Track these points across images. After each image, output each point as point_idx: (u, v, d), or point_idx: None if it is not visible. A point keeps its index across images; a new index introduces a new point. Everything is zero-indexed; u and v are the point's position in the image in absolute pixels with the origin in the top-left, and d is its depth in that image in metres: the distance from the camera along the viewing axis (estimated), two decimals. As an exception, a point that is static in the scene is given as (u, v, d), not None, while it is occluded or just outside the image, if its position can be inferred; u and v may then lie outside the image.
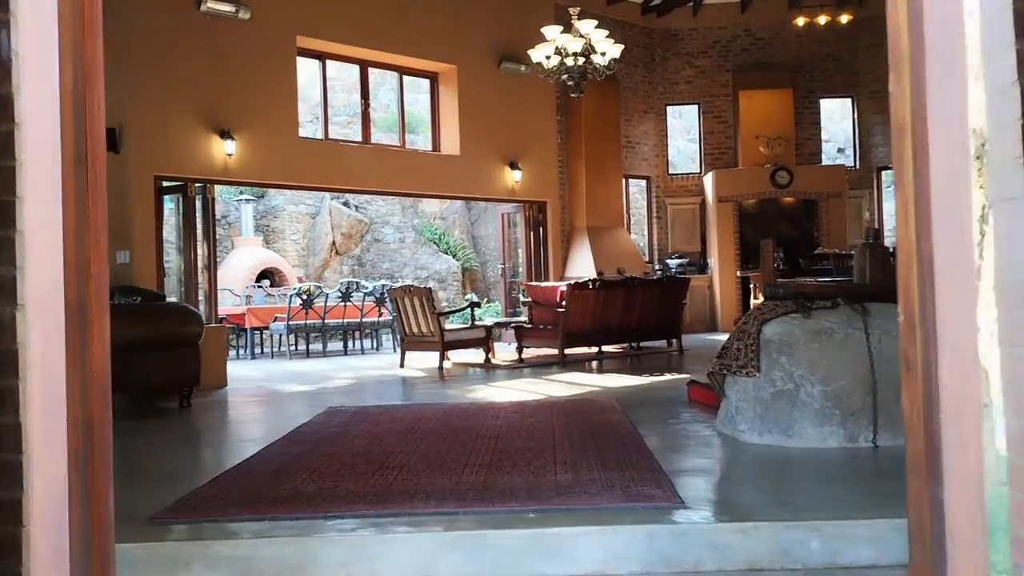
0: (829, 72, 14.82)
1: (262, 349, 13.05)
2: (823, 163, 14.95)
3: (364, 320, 12.80)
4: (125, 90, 9.11)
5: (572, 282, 8.91)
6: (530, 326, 9.32)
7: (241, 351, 12.75)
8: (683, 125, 17.83)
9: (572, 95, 8.11)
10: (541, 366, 9.06)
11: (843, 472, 3.83)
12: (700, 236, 14.70)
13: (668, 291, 9.69)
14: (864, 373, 4.25)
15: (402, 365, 9.45)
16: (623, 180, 14.17)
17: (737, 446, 4.43)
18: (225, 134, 9.66)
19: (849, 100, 14.96)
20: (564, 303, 8.79)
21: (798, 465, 3.97)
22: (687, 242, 14.74)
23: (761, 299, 4.89)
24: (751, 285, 12.88)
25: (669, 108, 15.05)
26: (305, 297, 12.26)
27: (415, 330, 9.27)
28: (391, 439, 4.74)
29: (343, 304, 12.54)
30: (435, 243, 17.37)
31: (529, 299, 9.50)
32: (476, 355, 9.76)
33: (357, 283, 13.09)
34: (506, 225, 13.78)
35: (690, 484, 3.56)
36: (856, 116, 14.89)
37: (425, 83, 12.41)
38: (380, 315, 12.61)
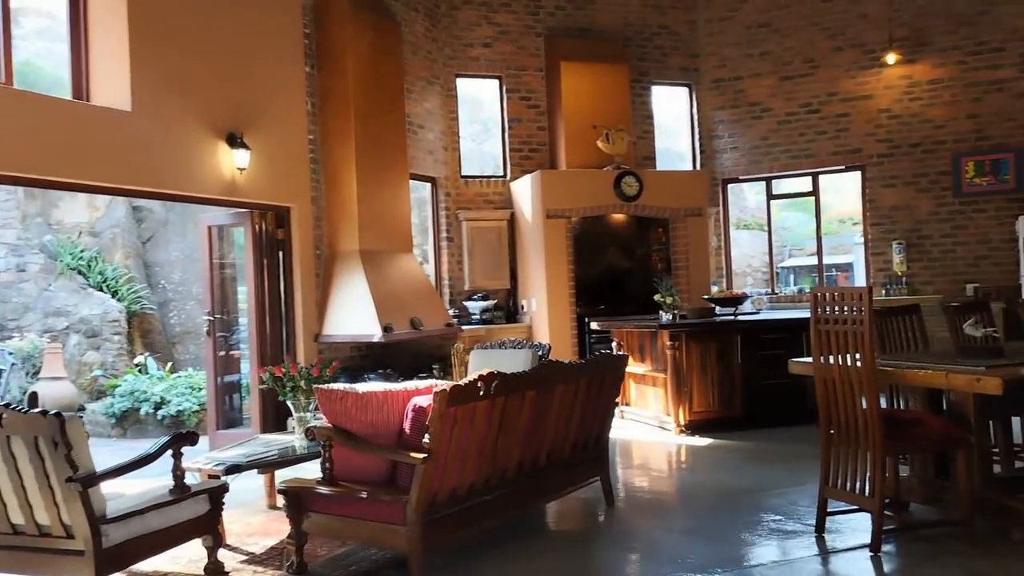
0: (664, 50, 11.10)
1: None
2: (659, 167, 11.06)
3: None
4: None
5: (446, 386, 3.70)
6: (326, 490, 3.92)
7: None
8: (474, 106, 12.54)
9: None
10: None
11: None
12: (509, 268, 10.10)
13: (597, 384, 4.83)
14: None
15: (-21, 618, 3.56)
16: (410, 180, 9.10)
17: None
18: None
19: (686, 88, 11.32)
20: (428, 436, 3.60)
21: None
22: (491, 275, 10.05)
23: None
24: (616, 343, 8.46)
25: (460, 81, 10.30)
26: None
27: (18, 523, 3.46)
28: None
29: None
30: (81, 273, 10.86)
31: (323, 419, 4.09)
32: (191, 551, 4.14)
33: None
34: (215, 245, 8.05)
35: None
36: (695, 110, 11.28)
37: (58, -31, 6.41)
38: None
